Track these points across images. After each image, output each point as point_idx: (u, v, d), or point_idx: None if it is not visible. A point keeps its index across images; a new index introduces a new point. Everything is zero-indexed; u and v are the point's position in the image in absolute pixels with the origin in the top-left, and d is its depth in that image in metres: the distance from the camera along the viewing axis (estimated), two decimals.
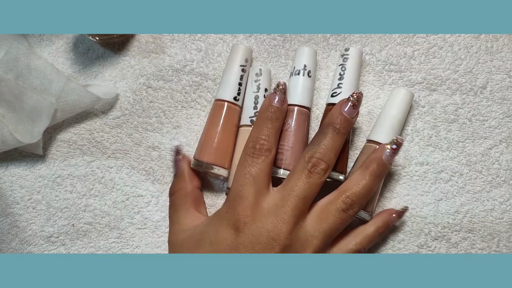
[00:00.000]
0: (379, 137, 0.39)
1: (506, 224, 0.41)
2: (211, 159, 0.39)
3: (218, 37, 0.44)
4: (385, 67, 0.43)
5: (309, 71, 0.40)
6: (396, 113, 0.39)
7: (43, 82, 0.41)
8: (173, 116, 0.43)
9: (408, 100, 0.40)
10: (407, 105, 0.40)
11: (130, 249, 0.41)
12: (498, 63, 0.43)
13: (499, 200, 0.41)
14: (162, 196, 0.42)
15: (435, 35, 0.44)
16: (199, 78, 0.44)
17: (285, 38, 0.44)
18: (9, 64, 0.41)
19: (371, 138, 0.39)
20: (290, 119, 0.39)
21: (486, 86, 0.43)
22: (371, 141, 0.39)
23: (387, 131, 0.39)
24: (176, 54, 0.44)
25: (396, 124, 0.39)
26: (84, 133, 0.43)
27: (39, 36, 0.45)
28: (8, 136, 0.40)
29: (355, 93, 0.36)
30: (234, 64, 0.41)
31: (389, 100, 0.40)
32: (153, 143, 0.43)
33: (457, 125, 0.42)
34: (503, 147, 0.42)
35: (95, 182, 0.42)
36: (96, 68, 0.44)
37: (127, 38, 0.45)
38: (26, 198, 0.42)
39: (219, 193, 0.42)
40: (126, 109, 0.43)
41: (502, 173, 0.42)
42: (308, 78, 0.40)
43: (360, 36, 0.44)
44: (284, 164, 0.38)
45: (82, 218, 0.42)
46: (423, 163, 0.42)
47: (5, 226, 0.42)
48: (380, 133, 0.39)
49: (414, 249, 0.41)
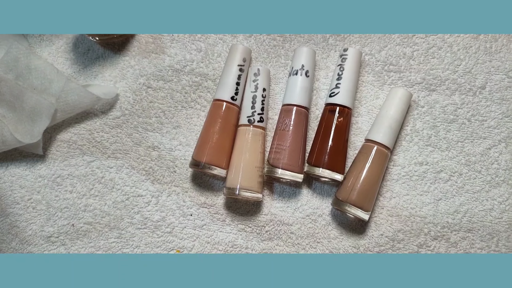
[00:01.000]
0: (377, 137, 0.39)
1: (505, 223, 0.41)
2: (209, 159, 0.39)
3: (218, 37, 0.44)
4: (385, 67, 0.43)
5: (307, 71, 0.40)
6: (394, 113, 0.39)
7: (43, 82, 0.41)
8: (173, 116, 0.43)
9: (406, 100, 0.40)
10: (405, 105, 0.40)
11: (130, 249, 0.41)
12: (497, 64, 0.43)
13: (498, 199, 0.41)
14: (162, 196, 0.42)
15: (434, 36, 0.44)
16: (199, 78, 0.44)
17: (285, 38, 0.44)
18: (9, 64, 0.41)
19: (369, 137, 0.39)
20: (288, 118, 0.39)
21: (485, 86, 0.43)
22: (369, 141, 0.39)
23: (385, 131, 0.39)
24: (176, 54, 0.44)
25: (394, 124, 0.39)
26: (84, 133, 0.43)
27: (39, 36, 0.45)
28: (8, 136, 0.40)
29: None
30: (232, 64, 0.41)
31: (387, 100, 0.40)
32: (153, 143, 0.43)
33: (456, 125, 0.42)
34: (502, 147, 0.42)
35: (95, 182, 0.42)
36: (96, 68, 0.44)
37: (127, 38, 0.45)
38: (26, 198, 0.42)
39: (219, 193, 0.42)
40: (126, 109, 0.44)
41: (501, 173, 0.42)
42: (306, 78, 0.40)
43: (360, 37, 0.44)
44: (282, 164, 0.38)
45: (82, 218, 0.42)
46: (423, 163, 0.42)
47: (5, 226, 0.42)
48: (378, 133, 0.39)
49: (414, 249, 0.41)
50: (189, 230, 0.41)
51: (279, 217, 0.41)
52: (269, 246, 0.41)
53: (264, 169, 0.40)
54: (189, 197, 0.42)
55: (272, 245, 0.41)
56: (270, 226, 0.41)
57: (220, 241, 0.41)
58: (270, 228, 0.41)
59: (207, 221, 0.42)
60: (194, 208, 0.42)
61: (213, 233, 0.41)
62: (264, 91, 0.41)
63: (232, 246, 0.41)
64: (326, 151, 0.39)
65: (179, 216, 0.42)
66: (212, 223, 0.42)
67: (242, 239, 0.41)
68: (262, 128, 0.40)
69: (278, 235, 0.41)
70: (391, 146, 0.39)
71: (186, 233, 0.41)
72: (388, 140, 0.39)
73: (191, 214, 0.42)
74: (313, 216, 0.41)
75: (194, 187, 0.42)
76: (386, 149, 0.39)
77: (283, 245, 0.41)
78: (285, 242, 0.41)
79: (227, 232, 0.41)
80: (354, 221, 0.41)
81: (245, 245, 0.41)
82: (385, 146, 0.39)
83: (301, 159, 0.39)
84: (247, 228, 0.41)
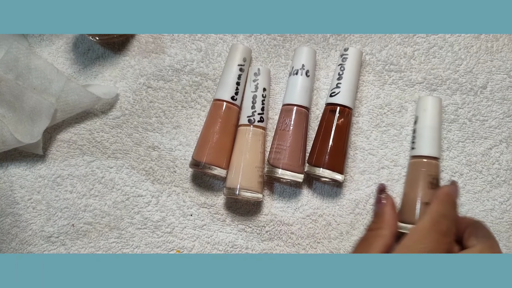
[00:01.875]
0: (424, 151, 0.39)
1: (506, 224, 0.41)
2: (209, 159, 0.39)
3: (218, 37, 0.44)
4: (385, 67, 0.43)
5: (307, 71, 0.40)
6: (431, 123, 0.39)
7: (43, 82, 0.41)
8: (173, 116, 0.43)
9: (437, 105, 0.40)
10: (438, 110, 0.40)
11: (130, 249, 0.41)
12: (498, 63, 0.43)
13: (499, 200, 0.41)
14: (162, 196, 0.42)
15: (435, 35, 0.44)
16: (199, 78, 0.44)
17: (285, 38, 0.44)
18: (9, 64, 0.41)
19: (416, 154, 0.39)
20: (288, 118, 0.39)
21: (486, 86, 0.43)
22: (416, 157, 0.39)
23: (430, 143, 0.39)
24: (176, 54, 0.44)
25: (435, 133, 0.39)
26: (84, 133, 0.43)
27: (39, 36, 0.45)
28: (8, 136, 0.40)
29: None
30: (232, 64, 0.41)
31: (419, 110, 0.40)
32: (153, 143, 0.43)
33: (457, 125, 0.42)
34: (503, 147, 0.42)
35: (95, 182, 0.42)
36: (96, 68, 0.44)
37: (127, 38, 0.45)
38: (26, 198, 0.42)
39: (219, 193, 0.42)
40: (126, 109, 0.43)
41: (502, 173, 0.41)
42: (307, 78, 0.40)
43: (360, 36, 0.44)
44: (282, 164, 0.38)
45: (82, 218, 0.42)
46: None
47: (5, 226, 0.42)
48: (424, 147, 0.39)
49: None
50: (189, 230, 0.41)
51: (280, 217, 0.41)
52: (269, 246, 0.41)
53: (264, 169, 0.40)
54: (189, 197, 0.42)
55: (273, 245, 0.41)
56: (271, 226, 0.41)
57: (220, 241, 0.41)
58: (270, 228, 0.41)
59: (207, 221, 0.42)
60: (194, 208, 0.42)
61: (213, 233, 0.41)
62: (264, 91, 0.40)
63: (232, 246, 0.41)
64: (327, 151, 0.38)
65: (179, 216, 0.42)
66: (212, 223, 0.42)
67: (242, 239, 0.41)
68: (262, 128, 0.40)
69: (279, 235, 0.41)
70: (439, 155, 0.39)
71: (186, 233, 0.41)
72: (436, 151, 0.39)
73: (191, 214, 0.42)
74: (314, 216, 0.41)
75: (194, 187, 0.42)
76: (435, 160, 0.39)
77: (284, 245, 0.41)
78: (286, 242, 0.41)
79: (227, 232, 0.41)
80: (354, 221, 0.41)
81: (245, 245, 0.41)
82: (434, 158, 0.39)
83: (302, 159, 0.39)
84: (247, 228, 0.41)
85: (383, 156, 0.42)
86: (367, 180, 0.42)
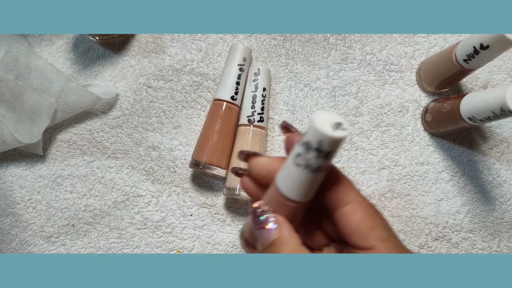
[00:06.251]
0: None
1: (507, 224, 0.41)
2: (209, 159, 0.39)
3: (218, 37, 0.44)
4: (386, 67, 0.43)
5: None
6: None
7: (43, 82, 0.41)
8: (173, 116, 0.43)
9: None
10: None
11: (130, 249, 0.41)
12: (499, 63, 0.43)
13: (500, 200, 0.41)
14: (162, 196, 0.42)
15: (435, 35, 0.43)
16: (199, 78, 0.44)
17: (285, 38, 0.44)
18: (9, 64, 0.41)
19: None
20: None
21: (487, 85, 0.43)
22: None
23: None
24: (176, 54, 0.44)
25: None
26: (84, 133, 0.43)
27: (39, 36, 0.45)
28: (8, 136, 0.40)
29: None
30: (232, 64, 0.41)
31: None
32: (153, 143, 0.43)
33: None
34: (504, 147, 0.42)
35: (95, 182, 0.42)
36: (96, 68, 0.44)
37: (127, 38, 0.44)
38: (26, 198, 0.42)
39: (219, 193, 0.42)
40: (126, 109, 0.43)
41: (503, 173, 0.41)
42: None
43: (361, 36, 0.44)
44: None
45: (82, 218, 0.42)
46: (424, 163, 0.42)
47: (5, 226, 0.42)
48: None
49: (415, 249, 0.40)
50: (189, 231, 0.41)
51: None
52: None
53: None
54: (189, 197, 0.42)
55: None
56: None
57: (220, 241, 0.41)
58: None
59: (207, 221, 0.42)
60: (194, 208, 0.42)
61: (214, 233, 0.41)
62: (264, 91, 0.40)
63: (233, 246, 0.41)
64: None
65: (179, 216, 0.42)
66: (213, 223, 0.41)
67: None
68: (262, 127, 0.40)
69: None
70: None
71: (186, 233, 0.41)
72: None
73: (191, 214, 0.42)
74: None
75: (194, 187, 0.42)
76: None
77: None
78: None
79: (227, 233, 0.41)
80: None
81: None
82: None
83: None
84: None
85: (383, 156, 0.42)
86: (367, 180, 0.41)
